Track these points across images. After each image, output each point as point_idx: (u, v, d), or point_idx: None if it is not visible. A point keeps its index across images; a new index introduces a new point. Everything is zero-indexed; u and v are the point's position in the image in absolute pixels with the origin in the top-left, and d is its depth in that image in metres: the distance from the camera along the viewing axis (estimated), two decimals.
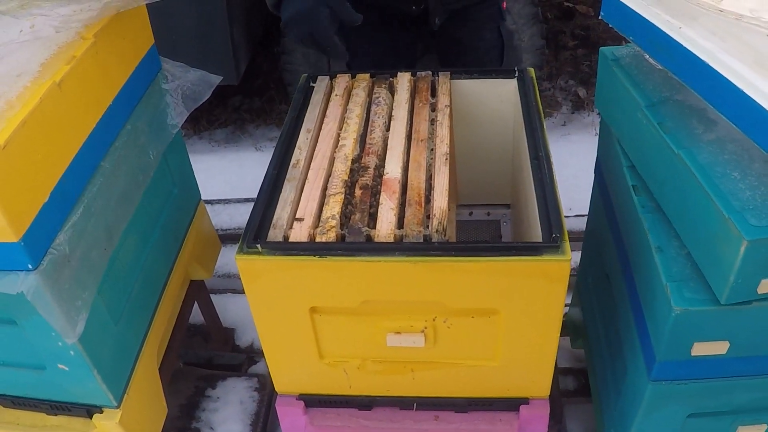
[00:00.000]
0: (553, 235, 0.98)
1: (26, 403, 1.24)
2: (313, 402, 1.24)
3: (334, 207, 1.08)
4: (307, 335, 1.11)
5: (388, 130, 1.25)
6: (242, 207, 2.45)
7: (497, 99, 1.42)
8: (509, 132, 1.47)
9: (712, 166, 0.95)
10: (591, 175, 1.48)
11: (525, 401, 1.19)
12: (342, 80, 1.39)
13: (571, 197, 1.85)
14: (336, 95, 1.35)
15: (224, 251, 1.78)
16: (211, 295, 1.77)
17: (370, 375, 1.17)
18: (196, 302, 1.68)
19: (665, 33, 0.97)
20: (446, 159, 1.16)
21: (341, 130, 1.25)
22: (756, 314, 0.97)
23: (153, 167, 1.32)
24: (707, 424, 1.16)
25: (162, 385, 1.40)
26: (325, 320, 1.09)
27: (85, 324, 1.06)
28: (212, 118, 3.11)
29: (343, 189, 1.11)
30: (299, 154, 1.19)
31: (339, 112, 1.29)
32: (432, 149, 1.20)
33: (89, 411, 1.22)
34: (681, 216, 1.03)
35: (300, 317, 1.08)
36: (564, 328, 1.33)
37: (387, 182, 1.12)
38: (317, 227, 1.05)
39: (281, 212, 1.07)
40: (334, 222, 1.05)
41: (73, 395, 1.20)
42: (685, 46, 0.93)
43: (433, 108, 1.32)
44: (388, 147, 1.20)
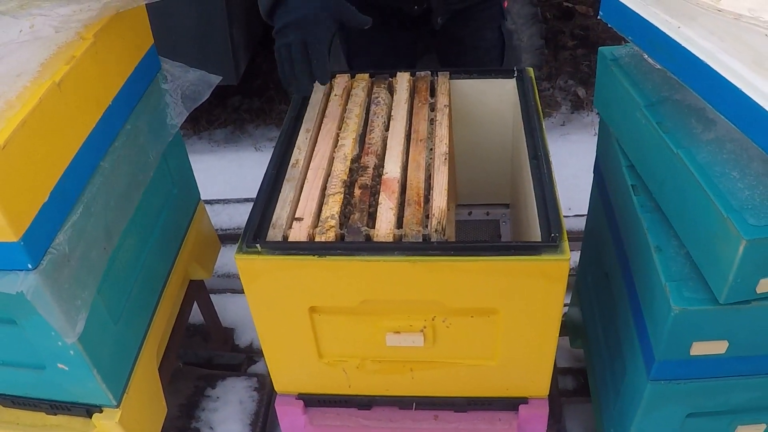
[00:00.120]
0: (552, 235, 0.98)
1: (26, 403, 1.24)
2: (313, 401, 1.24)
3: (334, 207, 1.08)
4: (307, 335, 1.11)
5: (388, 130, 1.25)
6: (242, 207, 2.45)
7: (496, 99, 1.41)
8: (508, 132, 1.47)
9: (711, 166, 0.95)
10: (590, 175, 1.48)
11: (524, 401, 1.19)
12: (341, 80, 1.39)
13: (571, 197, 1.86)
14: (335, 95, 1.35)
15: (224, 251, 1.78)
16: (211, 295, 1.77)
17: (370, 374, 1.17)
18: (196, 302, 1.68)
19: (664, 33, 0.97)
20: (445, 159, 1.16)
21: (340, 130, 1.25)
22: (755, 314, 0.97)
23: (152, 167, 1.32)
24: (706, 424, 1.16)
25: (162, 385, 1.40)
26: (325, 320, 1.10)
27: (85, 324, 1.06)
28: (212, 118, 3.11)
29: (343, 189, 1.11)
30: (298, 154, 1.19)
31: (338, 112, 1.29)
32: (431, 149, 1.20)
33: (89, 410, 1.22)
34: (680, 215, 1.03)
35: (299, 317, 1.08)
36: (563, 328, 1.32)
37: (386, 182, 1.12)
38: (316, 227, 1.05)
39: (280, 212, 1.07)
40: (334, 222, 1.05)
41: (73, 395, 1.21)
42: (684, 46, 0.93)
43: (433, 108, 1.32)
44: (388, 147, 1.20)
